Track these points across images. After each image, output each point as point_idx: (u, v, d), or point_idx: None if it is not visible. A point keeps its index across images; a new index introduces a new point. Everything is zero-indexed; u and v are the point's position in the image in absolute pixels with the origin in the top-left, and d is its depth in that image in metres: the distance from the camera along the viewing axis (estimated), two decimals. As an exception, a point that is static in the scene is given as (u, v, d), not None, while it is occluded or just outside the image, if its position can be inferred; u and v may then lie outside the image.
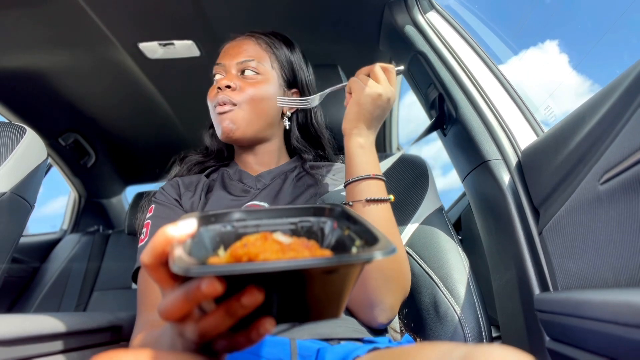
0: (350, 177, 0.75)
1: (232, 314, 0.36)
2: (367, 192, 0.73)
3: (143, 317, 0.73)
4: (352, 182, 0.75)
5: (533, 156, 0.87)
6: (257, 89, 0.91)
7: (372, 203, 0.73)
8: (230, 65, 0.93)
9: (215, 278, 0.33)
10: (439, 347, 0.42)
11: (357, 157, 0.75)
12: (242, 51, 0.95)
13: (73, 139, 2.12)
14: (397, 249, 0.34)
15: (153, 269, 0.38)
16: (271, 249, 0.35)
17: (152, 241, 0.37)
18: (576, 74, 10.45)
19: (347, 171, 0.77)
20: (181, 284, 0.37)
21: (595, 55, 4.18)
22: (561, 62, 20.99)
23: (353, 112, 0.76)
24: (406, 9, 1.22)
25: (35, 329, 0.76)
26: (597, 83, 12.57)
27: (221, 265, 0.33)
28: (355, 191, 0.74)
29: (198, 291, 0.33)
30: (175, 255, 0.34)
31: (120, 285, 1.98)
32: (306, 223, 0.44)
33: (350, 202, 0.74)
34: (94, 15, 1.30)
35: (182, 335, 0.40)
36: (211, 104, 0.93)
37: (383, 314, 0.73)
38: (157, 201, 0.89)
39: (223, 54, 0.97)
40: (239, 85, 0.90)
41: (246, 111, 0.90)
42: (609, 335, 0.56)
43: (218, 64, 0.95)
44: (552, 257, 0.78)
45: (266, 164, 0.98)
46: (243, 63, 0.93)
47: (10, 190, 0.98)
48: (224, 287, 0.33)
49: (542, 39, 18.62)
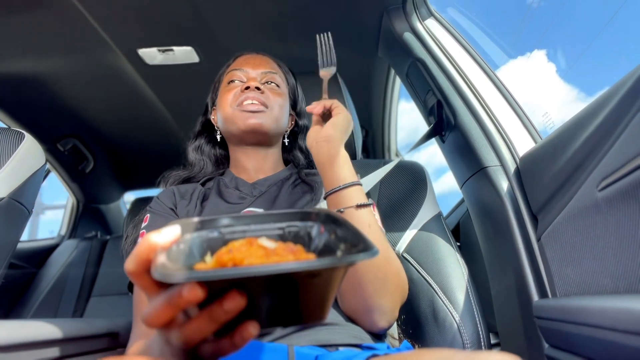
0: (336, 184, 0.75)
1: (215, 319, 0.36)
2: (356, 197, 0.74)
3: (138, 327, 0.74)
4: (340, 190, 0.75)
5: (531, 163, 0.87)
6: (282, 99, 1.00)
7: (361, 208, 0.74)
8: (254, 73, 1.00)
9: (197, 284, 0.33)
10: (438, 354, 0.42)
11: (345, 166, 0.76)
12: (265, 63, 1.03)
13: (71, 145, 2.12)
14: (379, 251, 0.34)
15: (137, 277, 0.38)
16: (256, 254, 0.35)
17: (136, 249, 0.37)
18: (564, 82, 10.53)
19: (332, 179, 0.76)
20: (165, 290, 0.37)
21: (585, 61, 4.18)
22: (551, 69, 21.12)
23: (343, 123, 0.78)
24: (405, 17, 1.22)
25: (33, 335, 0.76)
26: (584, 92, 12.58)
27: (201, 271, 0.33)
28: (344, 198, 0.74)
29: (179, 297, 0.33)
30: (158, 262, 0.34)
31: (118, 292, 1.97)
32: (293, 228, 0.44)
33: (341, 209, 0.74)
34: (93, 21, 1.31)
35: (169, 341, 0.41)
36: (235, 100, 0.95)
37: (383, 317, 0.73)
38: (152, 210, 0.89)
39: (243, 62, 1.03)
40: (266, 91, 0.97)
41: (274, 114, 0.97)
42: (607, 342, 0.56)
43: (238, 70, 1.00)
44: (551, 263, 0.78)
45: (264, 171, 0.99)
46: (267, 74, 1.01)
47: (8, 195, 0.97)
48: (205, 293, 0.33)
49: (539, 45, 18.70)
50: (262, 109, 0.94)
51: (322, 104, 0.81)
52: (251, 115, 0.93)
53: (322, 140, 0.76)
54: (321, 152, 0.76)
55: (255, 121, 0.93)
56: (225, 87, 1.00)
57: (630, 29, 12.72)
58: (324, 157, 0.75)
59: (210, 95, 1.09)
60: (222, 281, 0.33)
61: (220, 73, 1.07)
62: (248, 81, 0.97)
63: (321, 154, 0.76)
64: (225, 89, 0.99)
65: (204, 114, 1.10)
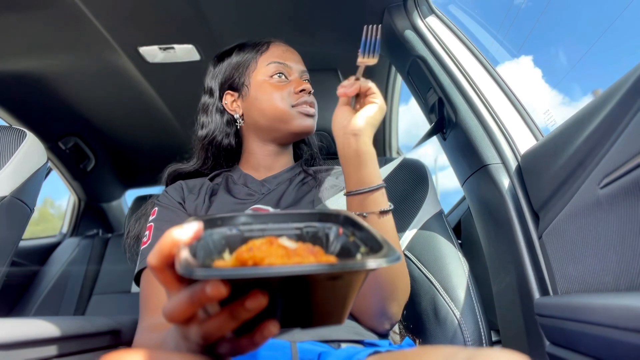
0: (362, 186, 0.69)
1: (235, 317, 0.36)
2: (380, 202, 0.70)
3: (146, 321, 0.73)
4: (366, 193, 0.69)
5: (533, 160, 0.87)
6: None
7: (384, 214, 0.69)
8: (296, 70, 0.97)
9: (220, 281, 0.33)
10: (440, 351, 0.42)
11: (373, 166, 0.70)
12: (300, 59, 1.00)
13: (73, 143, 2.12)
14: (401, 256, 0.34)
15: (159, 271, 0.38)
16: (276, 253, 0.35)
17: (159, 243, 0.37)
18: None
19: (358, 179, 0.69)
20: (186, 286, 0.37)
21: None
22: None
23: (377, 117, 0.70)
24: (406, 14, 1.22)
25: (34, 333, 0.76)
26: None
27: (226, 269, 0.33)
28: (369, 202, 0.69)
29: (203, 294, 0.33)
30: (182, 257, 0.34)
31: (120, 289, 1.97)
32: (311, 228, 0.44)
33: (364, 214, 0.70)
34: (94, 19, 1.31)
35: (187, 337, 0.41)
36: (292, 99, 0.93)
37: (389, 321, 0.74)
38: (161, 204, 0.89)
39: (283, 54, 0.98)
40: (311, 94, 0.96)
41: (316, 117, 0.97)
42: (609, 339, 0.56)
43: (281, 62, 0.96)
44: (552, 261, 0.78)
45: (274, 168, 0.98)
46: (306, 73, 1.00)
47: (10, 194, 0.98)
48: (228, 291, 0.33)
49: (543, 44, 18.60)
50: (314, 114, 0.95)
51: (357, 85, 0.71)
52: (308, 119, 0.93)
53: (350, 133, 0.68)
54: (348, 146, 0.68)
55: (311, 124, 0.93)
56: (267, 79, 0.94)
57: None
58: (351, 153, 0.68)
59: (226, 77, 0.99)
60: (245, 280, 0.33)
61: (248, 57, 0.97)
62: (297, 82, 0.95)
63: (348, 149, 0.69)
64: (268, 82, 0.94)
65: (211, 96, 1.02)
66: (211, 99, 1.01)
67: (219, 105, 1.00)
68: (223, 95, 0.99)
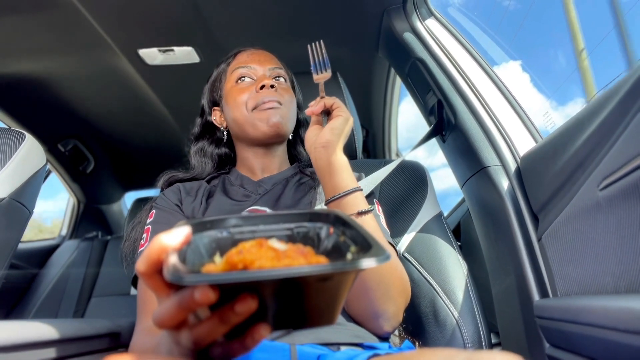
0: (336, 192, 0.73)
1: (226, 322, 0.36)
2: (357, 204, 0.73)
3: (143, 324, 0.73)
4: (340, 197, 0.73)
5: (532, 162, 0.87)
6: (291, 95, 0.99)
7: (363, 214, 0.72)
8: (263, 70, 0.98)
9: (209, 286, 0.33)
10: (439, 354, 0.42)
11: (344, 172, 0.74)
12: (269, 59, 1.01)
13: (72, 145, 2.12)
14: (390, 255, 0.34)
15: (148, 277, 0.38)
16: (266, 255, 0.35)
17: (148, 249, 0.37)
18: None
19: (332, 187, 0.74)
20: (176, 291, 0.37)
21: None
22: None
23: (342, 128, 0.75)
24: (405, 16, 1.22)
25: (33, 335, 0.76)
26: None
27: (214, 274, 0.33)
28: (345, 205, 0.73)
29: (191, 299, 0.33)
30: (170, 263, 0.33)
31: (119, 292, 1.97)
32: (302, 229, 0.44)
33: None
34: (93, 21, 1.31)
35: (178, 342, 0.40)
36: (253, 102, 0.93)
37: (388, 322, 0.73)
38: (158, 206, 0.89)
39: (247, 58, 1.00)
40: (279, 89, 0.95)
41: (288, 111, 0.96)
42: (608, 341, 0.56)
43: (244, 67, 0.97)
44: (552, 263, 0.78)
45: (270, 169, 0.99)
46: (275, 70, 0.99)
47: (9, 196, 0.97)
48: (217, 295, 0.33)
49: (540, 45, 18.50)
50: (279, 106, 0.93)
51: (322, 102, 0.78)
52: (273, 113, 0.92)
53: (319, 146, 0.74)
54: (319, 158, 0.74)
55: (278, 120, 0.92)
56: (233, 86, 0.97)
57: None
58: (323, 164, 0.74)
59: (209, 95, 1.05)
60: (235, 283, 0.33)
61: (220, 71, 1.03)
62: (259, 79, 0.95)
63: (320, 161, 0.74)
64: (234, 88, 0.96)
65: (201, 115, 1.08)
66: (202, 118, 1.08)
67: (209, 121, 1.05)
68: (212, 112, 1.05)
